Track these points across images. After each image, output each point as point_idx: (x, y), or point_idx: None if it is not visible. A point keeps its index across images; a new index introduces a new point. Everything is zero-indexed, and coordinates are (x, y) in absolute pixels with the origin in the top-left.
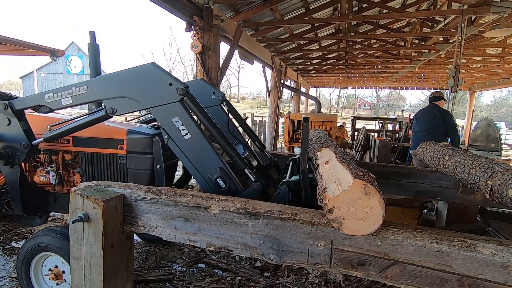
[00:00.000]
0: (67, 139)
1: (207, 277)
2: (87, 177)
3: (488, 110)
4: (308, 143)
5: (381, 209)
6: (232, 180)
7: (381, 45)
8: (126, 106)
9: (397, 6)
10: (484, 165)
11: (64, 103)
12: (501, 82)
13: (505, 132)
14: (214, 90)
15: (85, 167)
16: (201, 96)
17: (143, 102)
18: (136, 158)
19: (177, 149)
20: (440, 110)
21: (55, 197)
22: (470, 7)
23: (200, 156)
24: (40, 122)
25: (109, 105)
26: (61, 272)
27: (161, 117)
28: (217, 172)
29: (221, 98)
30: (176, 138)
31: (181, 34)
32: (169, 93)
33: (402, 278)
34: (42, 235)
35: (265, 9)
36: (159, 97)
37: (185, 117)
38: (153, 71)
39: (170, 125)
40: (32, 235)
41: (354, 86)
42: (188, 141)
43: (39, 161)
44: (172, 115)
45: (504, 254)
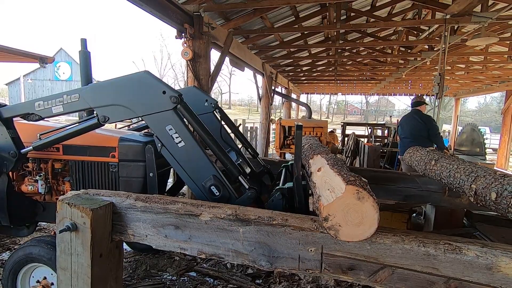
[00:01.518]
0: (57, 147)
1: (198, 286)
2: (77, 185)
3: (473, 116)
4: (301, 150)
5: (375, 213)
6: (226, 188)
7: (369, 53)
8: (118, 114)
9: (383, 15)
10: (468, 169)
11: (55, 111)
12: (485, 88)
13: (490, 137)
14: (207, 98)
15: (76, 175)
16: (194, 103)
17: (136, 110)
18: (128, 166)
19: (171, 157)
20: (422, 116)
21: (44, 207)
22: (453, 17)
23: (194, 164)
24: (29, 130)
25: (102, 113)
26: (49, 284)
27: (155, 125)
28: (211, 180)
29: (213, 106)
30: (170, 146)
31: (172, 41)
32: (163, 101)
33: (391, 281)
34: (31, 245)
35: (256, 17)
36: (153, 105)
37: (178, 125)
38: (146, 79)
39: (163, 133)
40: (20, 246)
41: (344, 93)
42: (182, 149)
43: (27, 170)
44: (166, 123)
45: (488, 256)
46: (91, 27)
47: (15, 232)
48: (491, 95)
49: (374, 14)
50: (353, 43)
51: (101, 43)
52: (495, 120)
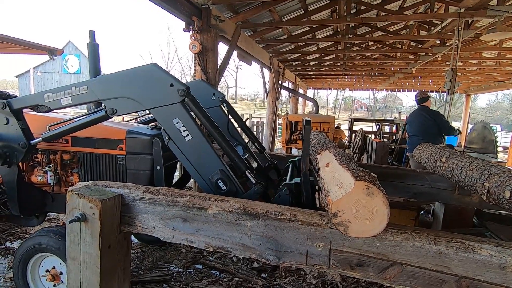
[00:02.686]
0: (65, 139)
1: (204, 278)
2: (85, 177)
3: (483, 113)
4: (309, 145)
5: (386, 208)
6: (233, 182)
7: (378, 47)
8: (126, 106)
9: (395, 8)
10: (481, 167)
11: (64, 103)
12: (497, 85)
13: (501, 135)
14: (214, 91)
15: (84, 167)
16: (201, 97)
17: (143, 103)
18: (135, 159)
19: (178, 150)
20: (430, 112)
21: (53, 198)
22: (467, 11)
23: (201, 158)
24: (39, 121)
25: (109, 106)
26: (58, 273)
27: (162, 118)
28: (217, 174)
29: (221, 99)
30: (177, 139)
31: (179, 35)
32: (170, 94)
33: (401, 279)
34: (40, 235)
35: (264, 10)
36: (160, 98)
37: (186, 118)
38: (154, 72)
39: (170, 126)
40: (29, 235)
41: (351, 88)
42: (189, 143)
43: (37, 161)
44: (173, 116)
45: (502, 256)
46: (99, 20)
47: (25, 222)
48: (503, 92)
49: (385, 8)
50: (363, 38)
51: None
52: (506, 117)
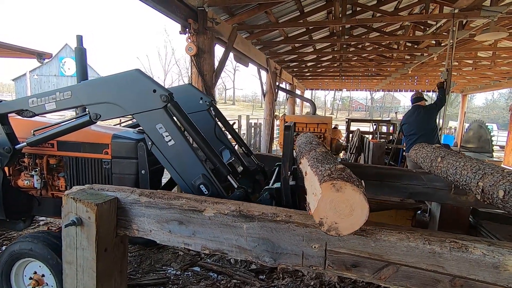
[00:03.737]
0: (51, 143)
1: (202, 280)
2: (71, 181)
3: (480, 112)
4: (289, 150)
5: (360, 194)
6: (215, 187)
7: (374, 48)
8: (110, 112)
9: (390, 9)
10: (475, 167)
11: (48, 108)
12: (492, 84)
13: (497, 134)
14: (202, 96)
15: (70, 171)
16: (189, 101)
17: (127, 108)
18: (121, 163)
19: (161, 155)
20: (424, 108)
21: (39, 201)
22: (461, 11)
23: (183, 163)
24: (25, 126)
25: (93, 111)
26: (40, 276)
27: (145, 123)
28: (200, 178)
29: (208, 104)
30: (160, 144)
31: (176, 37)
32: (153, 100)
33: (396, 279)
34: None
35: (260, 12)
36: (143, 103)
37: (168, 123)
38: (137, 78)
39: (153, 131)
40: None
41: (348, 89)
42: (172, 148)
43: (23, 165)
44: (156, 121)
45: (495, 255)
46: (96, 23)
47: (11, 225)
48: (499, 91)
49: (380, 9)
50: (359, 38)
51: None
52: (502, 117)
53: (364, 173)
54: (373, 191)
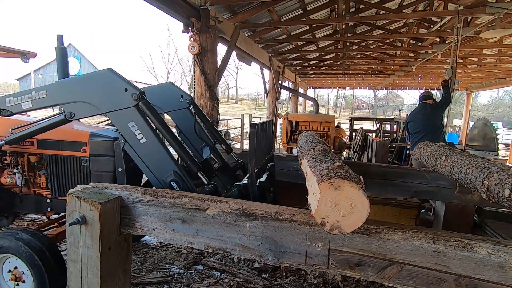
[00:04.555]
0: (31, 141)
1: (205, 279)
2: (51, 179)
3: (485, 110)
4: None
5: (359, 190)
6: (186, 183)
7: (378, 46)
8: (84, 110)
9: (394, 7)
10: (481, 165)
11: (24, 107)
12: (498, 82)
13: (502, 132)
14: (182, 94)
15: (50, 169)
16: (170, 99)
17: (100, 107)
18: (98, 161)
19: (133, 152)
20: (431, 106)
21: (21, 199)
22: (466, 8)
23: (155, 160)
24: (4, 125)
25: (68, 110)
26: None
27: (118, 122)
28: (171, 175)
29: (188, 101)
30: (132, 142)
31: (179, 35)
32: (125, 98)
33: (400, 278)
34: None
35: (262, 10)
36: (115, 102)
37: (140, 121)
38: (109, 77)
39: (126, 129)
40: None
41: (352, 87)
42: (144, 145)
43: (5, 163)
44: (128, 119)
45: (501, 254)
46: (98, 21)
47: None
48: (504, 89)
49: (384, 6)
50: (362, 36)
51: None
52: (508, 114)
53: (367, 172)
54: (377, 190)
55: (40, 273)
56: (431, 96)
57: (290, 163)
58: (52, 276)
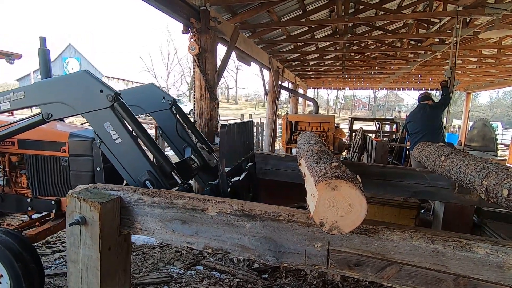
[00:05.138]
0: (12, 141)
1: (205, 279)
2: (32, 178)
3: (484, 111)
4: (225, 148)
5: (356, 190)
6: (160, 183)
7: (377, 46)
8: (61, 111)
9: (393, 7)
10: (479, 166)
11: (3, 108)
12: (497, 82)
13: (501, 132)
14: (164, 95)
15: (30, 168)
16: (152, 100)
17: (76, 108)
18: (77, 161)
19: (109, 153)
20: (430, 107)
21: (3, 198)
22: (465, 9)
23: (130, 160)
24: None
25: (45, 110)
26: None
27: (93, 122)
28: (145, 175)
29: (170, 102)
30: (108, 142)
31: (178, 36)
32: (100, 99)
33: (399, 278)
34: None
35: (262, 11)
36: (91, 103)
37: (115, 122)
38: (84, 78)
39: (101, 130)
40: None
41: (351, 87)
42: (119, 146)
43: None
44: (103, 120)
45: (499, 254)
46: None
47: None
48: (504, 89)
49: (383, 7)
50: (362, 37)
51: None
52: (507, 115)
53: (367, 172)
54: (376, 190)
55: (16, 274)
56: (430, 96)
57: (289, 163)
58: (28, 277)
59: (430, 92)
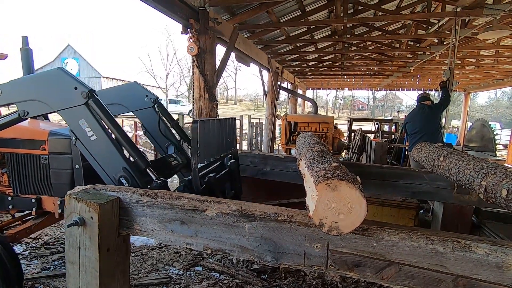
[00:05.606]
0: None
1: (204, 280)
2: (13, 177)
3: (483, 111)
4: (197, 144)
5: (356, 190)
6: (135, 179)
7: (376, 47)
8: (37, 108)
9: (392, 8)
10: (478, 166)
11: None
12: (496, 83)
13: (500, 133)
14: (147, 93)
15: (11, 167)
16: (135, 99)
17: (52, 105)
18: (57, 159)
19: (85, 150)
20: (429, 107)
21: None
22: (464, 10)
23: (105, 157)
24: None
25: (22, 108)
26: None
27: (69, 120)
28: (120, 171)
29: (153, 101)
30: (83, 139)
31: (177, 37)
32: (75, 97)
33: (398, 279)
34: None
35: (261, 11)
36: (66, 100)
37: (90, 119)
38: (59, 76)
39: (77, 127)
40: None
41: (350, 88)
42: (94, 142)
43: None
44: (78, 117)
45: (498, 254)
46: (97, 22)
47: None
48: (502, 90)
49: (382, 8)
50: (360, 37)
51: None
52: (505, 115)
53: (366, 173)
54: (375, 191)
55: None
56: (429, 97)
57: (288, 164)
58: (5, 276)
59: (428, 93)
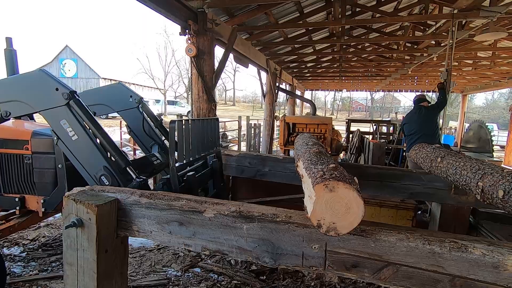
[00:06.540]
0: None
1: (203, 282)
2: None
3: (480, 112)
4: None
5: (353, 191)
6: (115, 178)
7: (374, 49)
8: (18, 109)
9: (389, 10)
10: (475, 167)
11: None
12: (493, 84)
13: (497, 134)
14: (131, 94)
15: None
16: (119, 99)
17: (33, 106)
18: (40, 158)
19: (66, 149)
20: (426, 108)
21: None
22: (461, 12)
23: (86, 156)
24: None
25: (4, 108)
26: None
27: (50, 120)
28: (101, 170)
29: (137, 101)
30: (65, 139)
31: (176, 38)
32: (56, 97)
33: (396, 279)
34: None
35: (260, 13)
36: (47, 101)
37: (71, 119)
38: (40, 77)
39: (58, 127)
40: None
41: (348, 89)
42: (75, 142)
43: None
44: (60, 117)
45: (495, 255)
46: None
47: None
48: (499, 91)
49: (380, 9)
50: (358, 39)
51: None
52: (503, 116)
53: (364, 174)
54: (373, 192)
55: None
56: (425, 98)
57: (287, 165)
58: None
59: (425, 94)
